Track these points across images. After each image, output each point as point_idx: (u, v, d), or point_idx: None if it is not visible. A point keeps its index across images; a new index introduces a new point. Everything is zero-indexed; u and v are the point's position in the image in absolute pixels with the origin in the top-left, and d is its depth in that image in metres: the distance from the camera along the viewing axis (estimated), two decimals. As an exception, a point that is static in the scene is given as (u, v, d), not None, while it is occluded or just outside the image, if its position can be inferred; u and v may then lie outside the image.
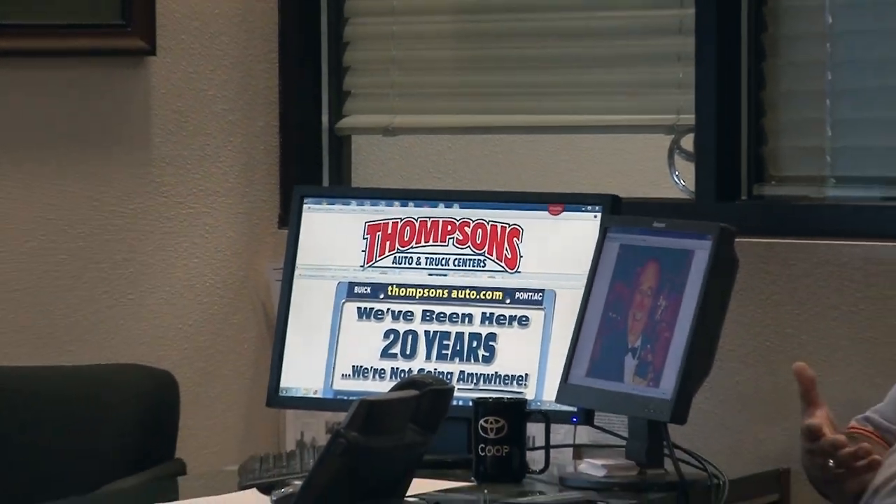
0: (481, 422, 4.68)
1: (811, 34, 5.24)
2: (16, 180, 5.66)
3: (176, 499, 4.67)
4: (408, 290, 5.12)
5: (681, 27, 5.32)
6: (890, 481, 4.20)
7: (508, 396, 4.83)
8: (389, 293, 5.13)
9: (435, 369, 5.00)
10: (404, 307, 5.11)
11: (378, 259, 5.15)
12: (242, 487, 4.65)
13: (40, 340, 5.54)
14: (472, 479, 4.68)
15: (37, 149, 5.70)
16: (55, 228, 5.70)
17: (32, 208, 5.68)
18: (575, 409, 4.89)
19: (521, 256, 5.05)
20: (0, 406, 5.22)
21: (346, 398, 4.72)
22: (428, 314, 5.09)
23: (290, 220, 5.29)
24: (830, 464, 4.26)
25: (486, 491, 4.57)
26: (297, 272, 5.21)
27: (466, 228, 5.08)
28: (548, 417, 4.85)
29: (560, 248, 5.02)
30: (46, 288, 5.68)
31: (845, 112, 5.19)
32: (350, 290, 5.16)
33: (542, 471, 4.77)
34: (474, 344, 5.05)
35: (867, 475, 4.24)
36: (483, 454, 4.68)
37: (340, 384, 5.10)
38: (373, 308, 5.14)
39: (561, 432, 4.96)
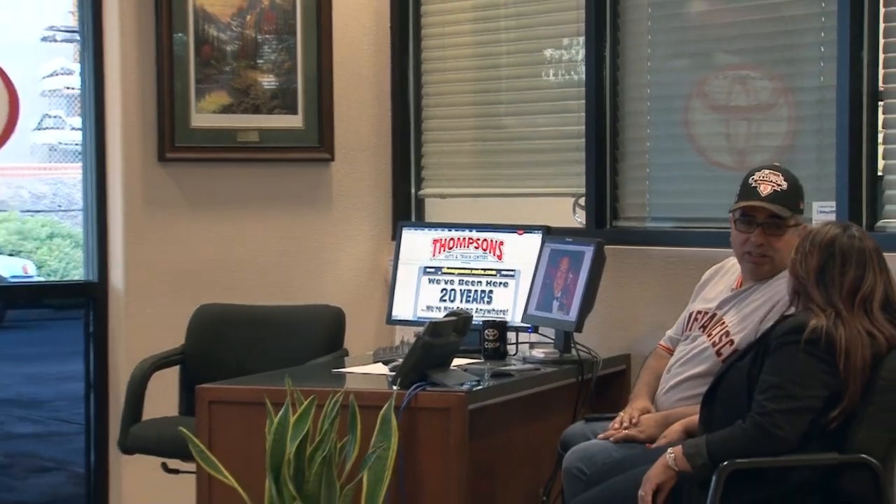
0: (486, 331, 4.69)
1: (638, 152, 5.09)
2: (269, 220, 5.60)
3: (343, 367, 4.66)
4: (452, 269, 5.08)
5: (578, 147, 5.19)
6: (670, 378, 4.11)
7: (499, 319, 4.81)
8: (443, 271, 5.09)
9: (464, 307, 4.94)
10: (450, 278, 5.07)
11: (437, 255, 5.11)
12: (375, 362, 4.65)
13: (276, 293, 5.46)
14: (482, 358, 4.64)
15: (279, 206, 5.60)
16: (283, 241, 5.63)
17: (275, 232, 5.61)
18: (530, 326, 4.88)
19: (504, 254, 5.02)
20: (257, 325, 5.13)
21: (423, 320, 4.63)
22: (461, 281, 5.05)
23: (397, 237, 5.24)
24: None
25: (488, 364, 4.54)
26: (399, 262, 5.16)
27: (479, 241, 5.05)
28: (517, 329, 4.89)
29: (523, 250, 4.98)
30: (280, 267, 5.61)
31: (657, 186, 5.07)
32: (425, 270, 5.12)
33: (514, 355, 4.76)
34: (482, 295, 5.01)
35: (641, 436, 3.97)
36: (486, 346, 4.68)
37: (420, 314, 5.07)
38: (435, 278, 5.10)
39: (523, 337, 4.94)
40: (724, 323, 4.04)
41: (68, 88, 10.55)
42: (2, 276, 10.24)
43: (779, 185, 3.95)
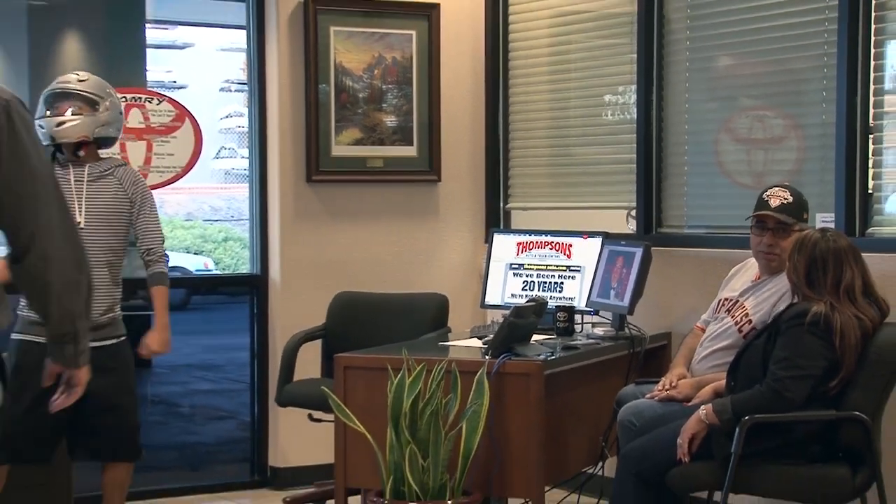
0: (557, 314, 4.63)
1: (677, 174, 5.03)
2: (390, 227, 5.60)
3: (447, 341, 4.65)
4: (532, 266, 5.02)
5: (630, 170, 5.15)
6: (703, 350, 4.09)
7: (568, 304, 4.74)
8: (525, 267, 5.04)
9: (541, 295, 4.90)
10: (530, 272, 5.02)
11: (520, 255, 5.07)
12: (471, 337, 4.60)
13: (395, 284, 5.43)
14: (555, 335, 4.58)
15: (398, 217, 5.60)
16: (401, 243, 5.63)
17: (395, 237, 5.61)
18: (592, 309, 4.81)
19: (572, 254, 4.96)
20: (381, 308, 5.09)
21: (509, 305, 4.57)
22: (538, 275, 5.00)
23: (489, 241, 5.20)
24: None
25: (559, 339, 4.49)
26: (492, 260, 5.13)
27: (553, 243, 4.99)
28: (582, 312, 4.82)
29: (587, 251, 4.93)
30: (398, 264, 5.59)
31: (693, 201, 5.00)
32: (510, 266, 5.07)
33: (580, 332, 4.69)
34: (555, 286, 4.96)
35: (679, 396, 3.94)
36: (558, 325, 4.61)
37: (507, 300, 5.02)
38: (519, 272, 5.04)
39: (587, 318, 4.87)
40: (744, 307, 4.03)
41: (239, 127, 10.70)
42: (188, 270, 10.42)
43: (785, 198, 3.98)
